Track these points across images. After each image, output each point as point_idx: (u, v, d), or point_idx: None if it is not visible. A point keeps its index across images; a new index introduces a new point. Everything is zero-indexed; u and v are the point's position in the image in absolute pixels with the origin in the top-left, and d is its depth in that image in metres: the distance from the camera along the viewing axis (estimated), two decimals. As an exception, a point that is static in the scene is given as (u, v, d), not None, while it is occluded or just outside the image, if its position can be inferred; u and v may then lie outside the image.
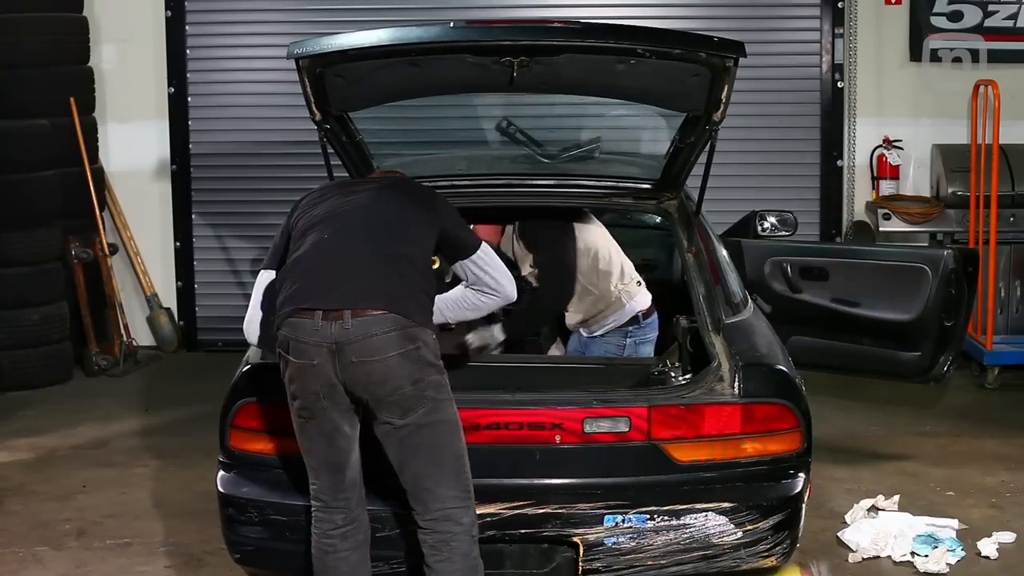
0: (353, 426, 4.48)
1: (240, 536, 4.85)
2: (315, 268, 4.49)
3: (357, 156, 5.86)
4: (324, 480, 4.52)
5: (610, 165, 6.73)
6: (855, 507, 6.36)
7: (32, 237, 9.19)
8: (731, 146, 8.82)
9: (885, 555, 5.86)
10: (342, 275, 4.44)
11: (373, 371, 4.33)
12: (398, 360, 4.33)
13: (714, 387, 4.82)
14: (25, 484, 7.06)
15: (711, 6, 10.16)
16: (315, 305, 4.38)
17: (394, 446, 4.43)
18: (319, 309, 4.37)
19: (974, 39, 9.95)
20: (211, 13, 10.20)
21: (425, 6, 9.94)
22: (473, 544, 4.47)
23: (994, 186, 8.89)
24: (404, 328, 4.35)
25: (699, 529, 4.67)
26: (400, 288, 4.43)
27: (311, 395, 4.40)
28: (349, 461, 4.51)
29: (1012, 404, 8.65)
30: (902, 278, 6.58)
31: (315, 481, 4.55)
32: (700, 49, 5.00)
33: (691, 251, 5.67)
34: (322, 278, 4.45)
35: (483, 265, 4.71)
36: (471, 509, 4.46)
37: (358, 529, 4.58)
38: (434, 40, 4.98)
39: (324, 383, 4.37)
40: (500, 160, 6.89)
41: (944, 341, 6.54)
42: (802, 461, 4.86)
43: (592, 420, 4.73)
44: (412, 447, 4.41)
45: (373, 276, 4.44)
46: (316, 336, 4.34)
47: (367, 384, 4.35)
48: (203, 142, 10.25)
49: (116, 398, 8.80)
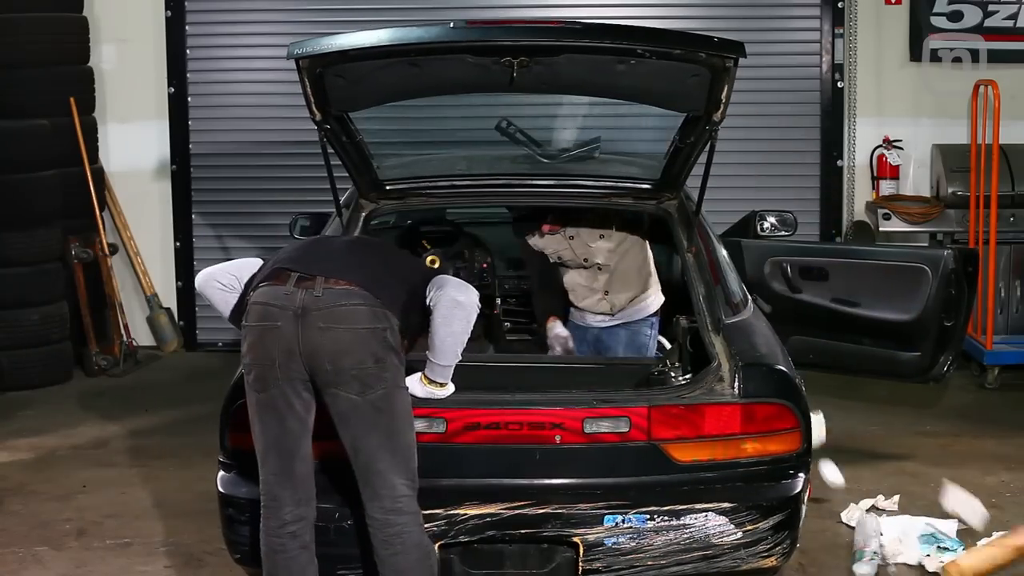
0: (307, 410, 4.52)
1: (240, 536, 4.84)
2: (292, 248, 4.76)
3: (357, 156, 5.86)
4: (272, 465, 4.53)
5: (610, 165, 6.72)
6: (851, 507, 6.37)
7: (32, 237, 9.20)
8: (731, 146, 8.84)
9: (899, 562, 5.86)
10: (319, 254, 4.65)
11: (340, 339, 4.39)
12: (366, 334, 4.40)
13: (714, 387, 4.82)
14: (25, 484, 7.07)
15: (711, 6, 10.17)
16: (292, 268, 4.51)
17: (350, 424, 4.45)
18: (295, 272, 4.49)
19: (974, 39, 9.96)
20: (211, 13, 10.21)
21: (425, 6, 9.95)
22: (423, 532, 4.53)
23: (994, 186, 8.89)
24: (373, 306, 4.43)
25: (699, 529, 4.67)
26: (375, 271, 4.55)
27: (267, 362, 4.44)
28: (299, 450, 4.53)
29: (1012, 404, 8.66)
30: (902, 278, 6.58)
31: (264, 469, 4.55)
32: (700, 49, 5.00)
33: (691, 251, 5.68)
34: (300, 254, 4.65)
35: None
36: (416, 500, 4.51)
37: (306, 528, 4.60)
38: (434, 40, 4.98)
39: (282, 349, 4.42)
40: (500, 160, 6.89)
41: (944, 341, 6.54)
42: (802, 461, 4.85)
43: (592, 420, 4.72)
44: (368, 426, 4.44)
45: (351, 257, 4.62)
46: (284, 300, 4.44)
47: (332, 353, 4.39)
48: (203, 142, 10.26)
49: (116, 398, 8.80)
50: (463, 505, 4.68)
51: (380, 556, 4.52)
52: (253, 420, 4.54)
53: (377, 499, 4.48)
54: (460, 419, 4.73)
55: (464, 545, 4.74)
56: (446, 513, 4.67)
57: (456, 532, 4.69)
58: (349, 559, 4.74)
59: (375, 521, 4.50)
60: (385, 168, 5.95)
